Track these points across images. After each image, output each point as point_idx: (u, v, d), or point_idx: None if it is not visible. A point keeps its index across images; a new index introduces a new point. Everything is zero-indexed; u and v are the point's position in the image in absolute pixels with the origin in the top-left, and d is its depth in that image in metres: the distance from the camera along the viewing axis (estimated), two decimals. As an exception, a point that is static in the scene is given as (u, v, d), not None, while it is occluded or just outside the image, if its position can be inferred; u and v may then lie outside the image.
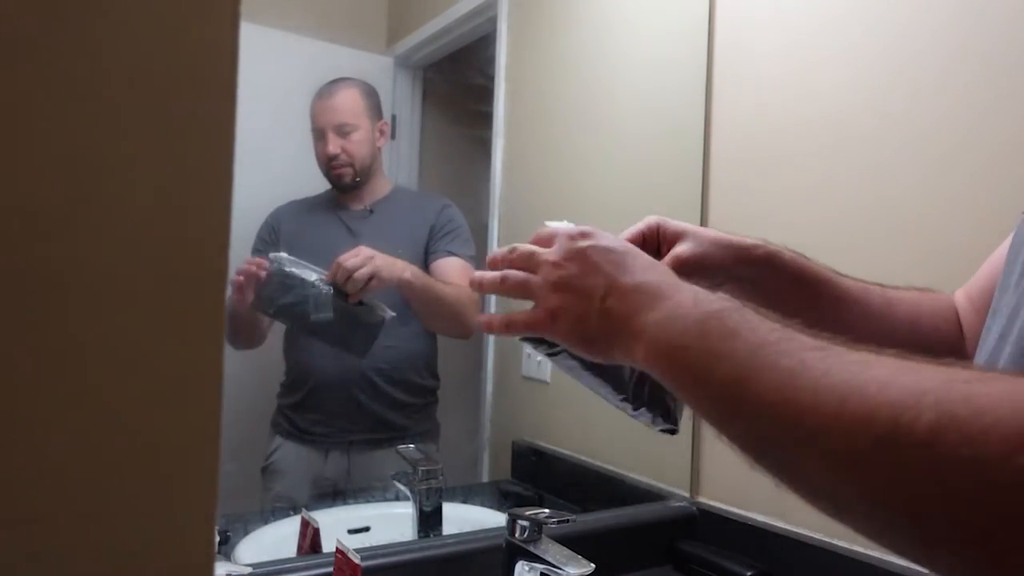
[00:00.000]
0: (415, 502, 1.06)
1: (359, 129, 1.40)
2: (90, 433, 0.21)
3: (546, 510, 0.85)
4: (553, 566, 0.79)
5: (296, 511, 1.10)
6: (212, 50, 0.23)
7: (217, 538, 0.79)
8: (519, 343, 0.62)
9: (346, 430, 1.37)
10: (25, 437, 0.20)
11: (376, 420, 1.38)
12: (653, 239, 0.64)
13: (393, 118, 1.61)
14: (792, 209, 1.11)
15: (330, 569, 0.82)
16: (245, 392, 1.39)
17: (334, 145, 1.38)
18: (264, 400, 1.39)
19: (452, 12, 1.61)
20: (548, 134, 1.58)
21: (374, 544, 0.97)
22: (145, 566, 0.22)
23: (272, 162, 1.40)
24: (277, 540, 1.05)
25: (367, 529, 1.15)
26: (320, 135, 1.39)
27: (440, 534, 1.06)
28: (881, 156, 0.99)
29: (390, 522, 1.14)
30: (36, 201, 0.20)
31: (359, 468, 1.36)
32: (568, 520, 0.84)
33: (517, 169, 1.60)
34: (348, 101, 1.41)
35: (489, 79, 1.63)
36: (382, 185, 1.47)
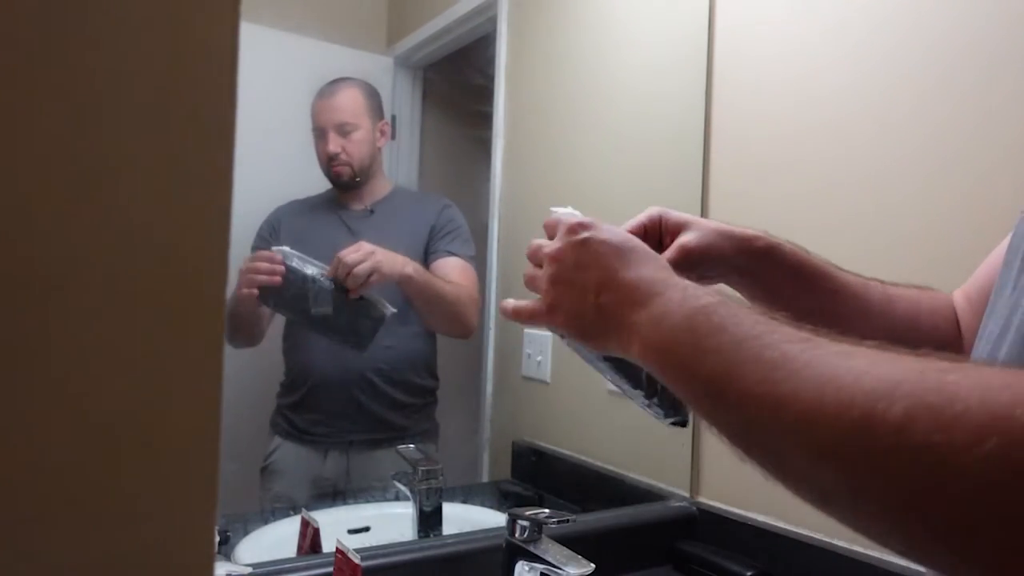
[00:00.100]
0: (415, 502, 1.06)
1: (360, 129, 1.40)
2: (90, 433, 0.21)
3: (546, 510, 0.85)
4: (553, 566, 0.79)
5: (296, 511, 1.10)
6: (212, 50, 0.23)
7: (217, 538, 0.79)
8: (519, 343, 0.62)
9: (346, 430, 1.37)
10: (25, 437, 0.20)
11: (376, 420, 1.38)
12: (655, 230, 0.64)
13: (393, 118, 1.62)
14: (792, 216, 1.10)
15: (330, 569, 0.82)
16: (245, 392, 1.39)
17: (335, 144, 1.38)
18: (264, 400, 1.39)
19: (452, 12, 1.61)
20: (548, 135, 1.58)
21: (374, 544, 0.97)
22: (145, 566, 0.22)
23: (272, 162, 1.40)
24: (277, 540, 1.05)
25: (367, 529, 1.15)
26: (321, 134, 1.39)
27: (440, 534, 1.06)
28: (881, 163, 0.99)
29: (390, 522, 1.14)
30: (35, 201, 0.20)
31: (358, 468, 1.36)
32: (568, 520, 0.85)
33: (517, 169, 1.60)
34: (349, 100, 1.41)
35: (489, 79, 1.63)
36: (382, 185, 1.47)
